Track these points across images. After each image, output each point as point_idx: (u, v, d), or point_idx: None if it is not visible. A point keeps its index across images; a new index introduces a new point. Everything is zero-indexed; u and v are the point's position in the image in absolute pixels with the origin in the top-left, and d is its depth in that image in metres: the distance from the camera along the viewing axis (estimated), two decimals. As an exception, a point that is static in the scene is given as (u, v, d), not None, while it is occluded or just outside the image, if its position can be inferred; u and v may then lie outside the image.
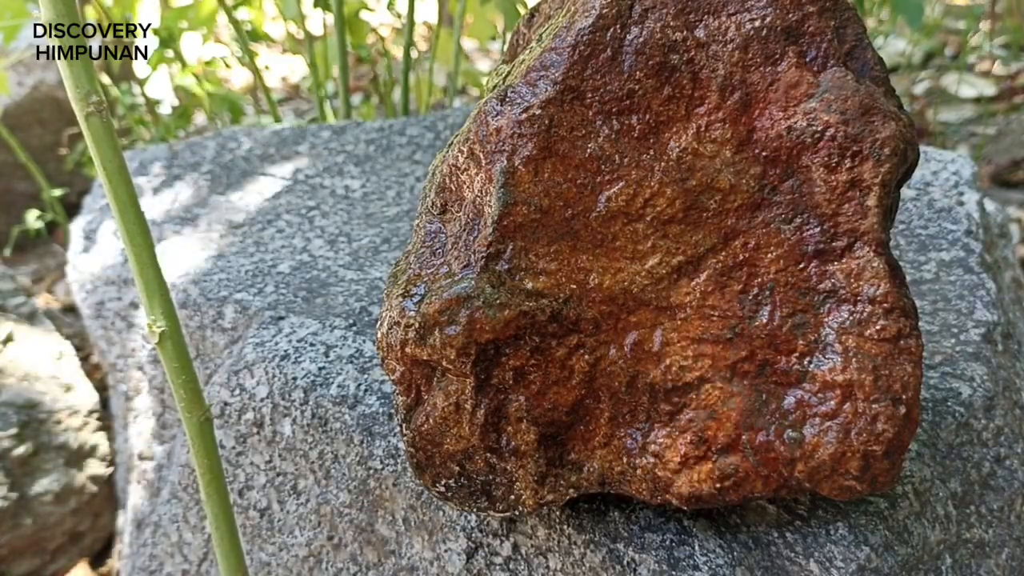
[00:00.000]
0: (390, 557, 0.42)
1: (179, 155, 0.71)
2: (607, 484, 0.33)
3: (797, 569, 0.33)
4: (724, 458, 0.32)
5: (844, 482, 0.31)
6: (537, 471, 0.32)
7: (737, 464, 0.31)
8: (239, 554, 0.36)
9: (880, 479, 0.31)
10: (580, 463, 0.33)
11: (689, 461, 0.32)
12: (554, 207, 0.32)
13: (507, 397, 0.32)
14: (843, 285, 0.32)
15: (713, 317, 0.32)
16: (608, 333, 0.32)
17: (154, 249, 0.31)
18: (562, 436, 0.32)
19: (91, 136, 0.29)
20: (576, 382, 0.32)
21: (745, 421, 0.31)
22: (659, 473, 0.32)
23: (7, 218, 1.24)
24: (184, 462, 0.50)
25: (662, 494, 0.32)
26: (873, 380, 0.31)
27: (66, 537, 0.71)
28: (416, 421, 0.33)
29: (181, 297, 0.52)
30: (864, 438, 0.31)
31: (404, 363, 0.32)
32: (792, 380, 0.31)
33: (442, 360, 0.31)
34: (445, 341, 0.31)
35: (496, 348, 0.31)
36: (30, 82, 1.22)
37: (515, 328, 0.31)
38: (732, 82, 0.32)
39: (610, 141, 0.32)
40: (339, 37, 0.87)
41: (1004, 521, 0.41)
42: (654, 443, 0.32)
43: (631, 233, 0.32)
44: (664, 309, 0.32)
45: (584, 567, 0.35)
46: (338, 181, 0.64)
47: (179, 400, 0.33)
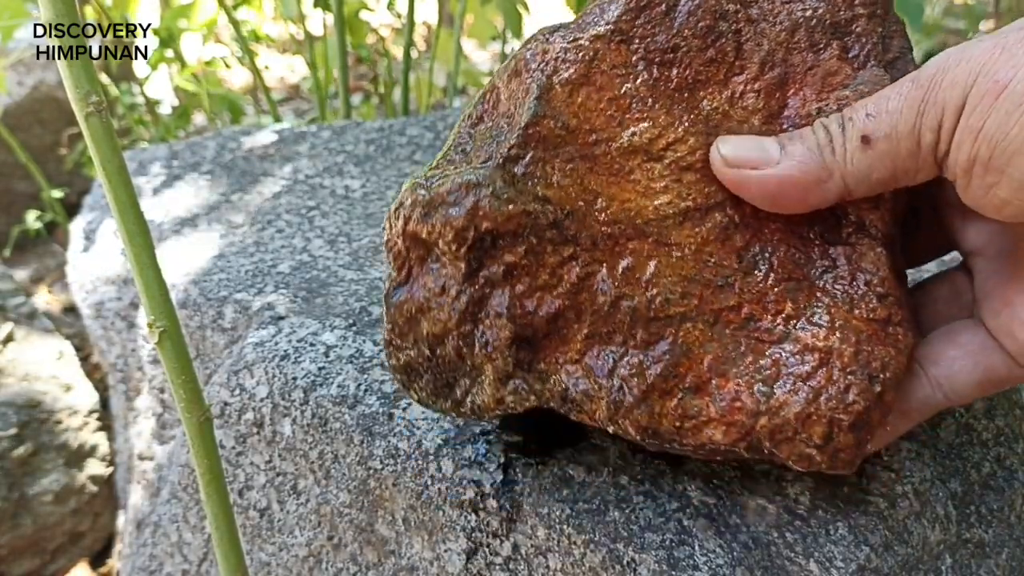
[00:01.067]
0: (390, 557, 0.42)
1: (179, 155, 0.71)
2: (568, 402, 0.33)
3: (797, 569, 0.33)
4: (690, 398, 0.32)
5: (804, 448, 0.31)
6: (504, 369, 0.32)
7: (701, 407, 0.32)
8: (239, 554, 0.36)
9: (842, 455, 0.31)
10: (547, 374, 0.33)
11: (654, 393, 0.32)
12: (580, 129, 0.33)
13: (492, 291, 0.32)
14: (843, 265, 0.32)
15: (709, 263, 0.32)
16: (603, 253, 0.33)
17: (154, 249, 0.31)
18: (536, 343, 0.33)
19: (91, 136, 0.29)
20: (562, 291, 0.32)
21: (718, 367, 0.32)
22: (621, 398, 0.32)
23: (7, 218, 1.24)
24: (184, 462, 0.50)
25: (622, 419, 0.32)
26: (854, 353, 0.31)
27: (66, 537, 0.71)
28: (401, 297, 0.33)
29: (181, 297, 0.52)
30: (833, 404, 0.31)
31: (404, 240, 0.33)
32: (774, 339, 0.32)
33: (439, 240, 0.32)
34: (447, 220, 0.32)
35: (493, 240, 0.32)
36: (30, 82, 1.22)
37: (516, 224, 0.32)
38: (774, 59, 0.33)
39: (646, 86, 0.33)
40: (339, 37, 0.87)
41: (1004, 521, 0.41)
42: (624, 368, 0.32)
43: (647, 171, 0.33)
44: (663, 244, 0.33)
45: (584, 567, 0.35)
46: (338, 181, 0.64)
47: (179, 400, 0.33)
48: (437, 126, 0.72)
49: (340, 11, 0.86)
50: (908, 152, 0.29)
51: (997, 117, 0.27)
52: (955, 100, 0.28)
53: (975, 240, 0.34)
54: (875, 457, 0.38)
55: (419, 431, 0.40)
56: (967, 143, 0.28)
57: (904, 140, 0.29)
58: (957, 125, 0.28)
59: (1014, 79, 0.27)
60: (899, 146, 0.29)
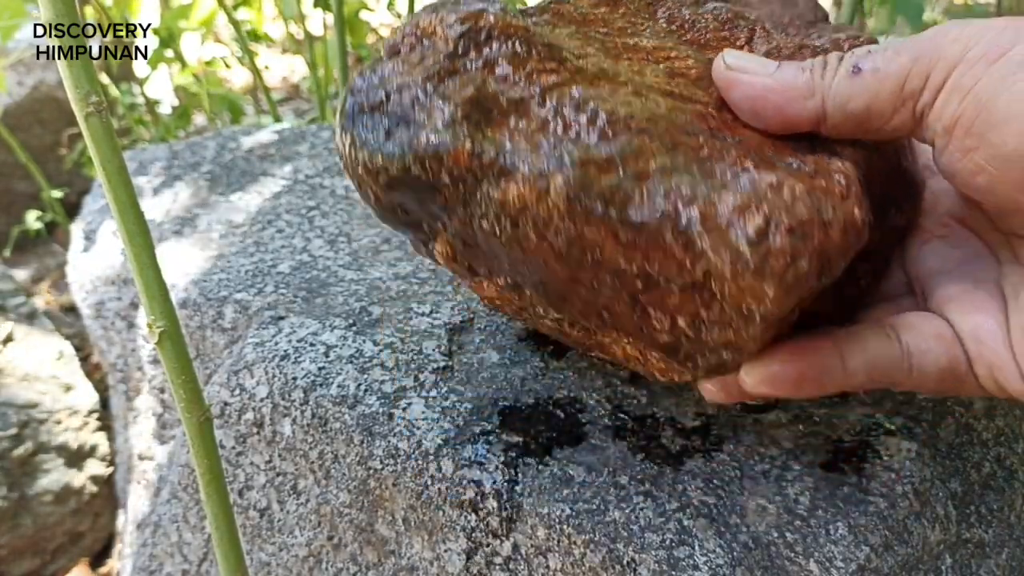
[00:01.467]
0: (390, 557, 0.42)
1: (179, 155, 0.71)
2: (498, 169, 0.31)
3: (797, 569, 0.33)
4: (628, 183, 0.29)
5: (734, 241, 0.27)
6: (453, 114, 0.31)
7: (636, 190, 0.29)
8: (239, 554, 0.36)
9: (771, 261, 0.27)
10: (490, 138, 0.31)
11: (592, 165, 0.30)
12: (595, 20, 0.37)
13: (467, 70, 0.32)
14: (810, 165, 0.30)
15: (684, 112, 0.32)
16: (583, 80, 0.32)
17: (154, 249, 0.31)
18: (492, 115, 0.32)
19: (91, 136, 0.29)
20: (533, 89, 0.31)
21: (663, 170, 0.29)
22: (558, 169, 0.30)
23: (7, 218, 1.24)
24: (184, 462, 0.50)
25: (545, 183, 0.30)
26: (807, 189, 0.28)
27: (66, 537, 0.71)
28: (375, 69, 0.33)
29: (181, 297, 0.52)
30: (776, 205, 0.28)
31: (405, 35, 0.34)
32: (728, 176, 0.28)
33: (438, 27, 0.33)
34: (453, 11, 0.33)
35: (487, 36, 0.33)
36: (30, 82, 1.22)
37: (514, 29, 0.33)
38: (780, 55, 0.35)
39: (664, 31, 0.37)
40: (339, 37, 0.87)
41: (1004, 521, 0.41)
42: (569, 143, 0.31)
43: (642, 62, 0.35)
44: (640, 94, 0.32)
45: (584, 567, 0.35)
46: (338, 181, 0.64)
47: (179, 400, 0.33)
48: (437, 126, 0.72)
49: (340, 11, 0.86)
50: (890, 92, 0.29)
51: (990, 81, 0.27)
52: (952, 56, 0.28)
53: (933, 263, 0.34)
54: (875, 457, 0.38)
55: (419, 431, 0.40)
56: (954, 101, 0.28)
57: (890, 79, 0.29)
58: (947, 81, 0.28)
59: (1015, 48, 0.27)
60: (883, 83, 0.29)
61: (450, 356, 0.44)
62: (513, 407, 0.41)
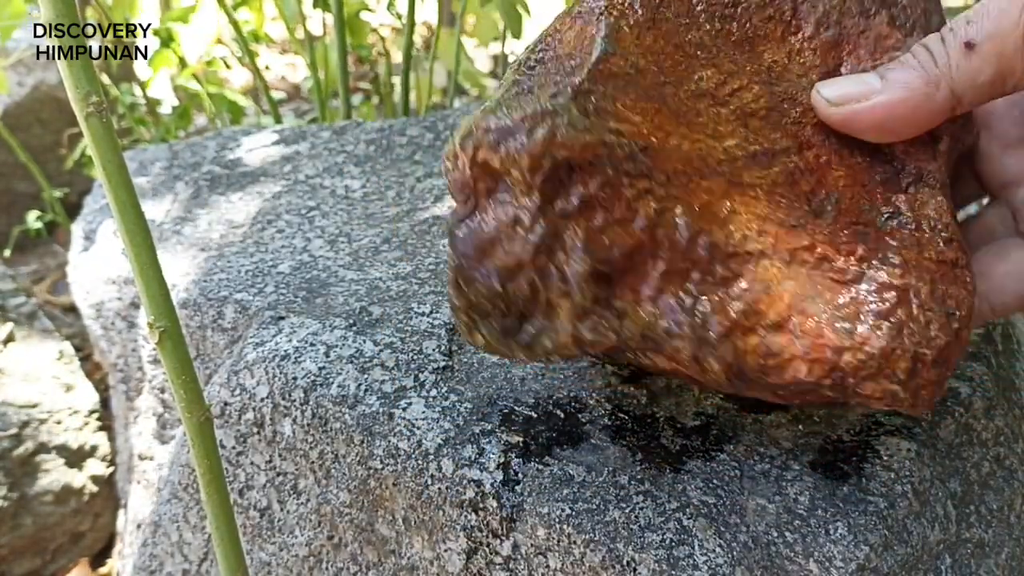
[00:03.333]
0: (390, 557, 0.42)
1: (179, 155, 0.71)
2: (648, 340, 0.31)
3: (797, 569, 0.33)
4: (772, 335, 0.31)
5: (888, 385, 0.31)
6: (581, 303, 0.31)
7: (784, 344, 0.31)
8: (239, 554, 0.36)
9: (923, 392, 0.31)
10: (625, 312, 0.31)
11: (737, 330, 0.31)
12: (648, 70, 0.33)
13: (567, 223, 0.31)
14: (906, 211, 0.33)
15: (781, 203, 0.32)
16: (679, 190, 0.31)
17: (154, 249, 0.31)
18: (613, 279, 0.31)
19: (91, 136, 0.29)
20: (639, 226, 0.31)
21: (798, 304, 0.31)
22: (704, 335, 0.31)
23: (7, 218, 1.24)
24: (184, 462, 0.50)
25: (706, 358, 0.31)
26: (930, 291, 0.31)
27: (66, 537, 0.71)
28: (468, 230, 0.31)
29: (181, 297, 0.52)
30: (916, 340, 0.30)
31: (471, 169, 0.31)
32: (849, 279, 0.31)
33: (512, 168, 0.30)
34: (522, 147, 0.30)
35: (568, 171, 0.30)
36: (30, 82, 1.22)
37: (592, 154, 0.30)
38: (828, 20, 0.35)
39: (709, 36, 0.34)
40: (339, 37, 0.87)
41: (1004, 521, 0.41)
42: (704, 305, 0.31)
43: (715, 114, 0.33)
44: (736, 184, 0.32)
45: (584, 567, 0.35)
46: (338, 181, 0.64)
47: (179, 400, 0.33)
48: (437, 126, 0.72)
49: (340, 11, 0.86)
50: (1014, 48, 0.28)
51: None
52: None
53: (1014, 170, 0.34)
54: (875, 457, 0.38)
55: (419, 431, 0.40)
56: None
57: (1009, 36, 0.28)
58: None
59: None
60: (1004, 44, 0.28)
61: (450, 356, 0.44)
62: (513, 407, 0.41)
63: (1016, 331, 0.50)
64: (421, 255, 0.53)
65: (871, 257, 0.32)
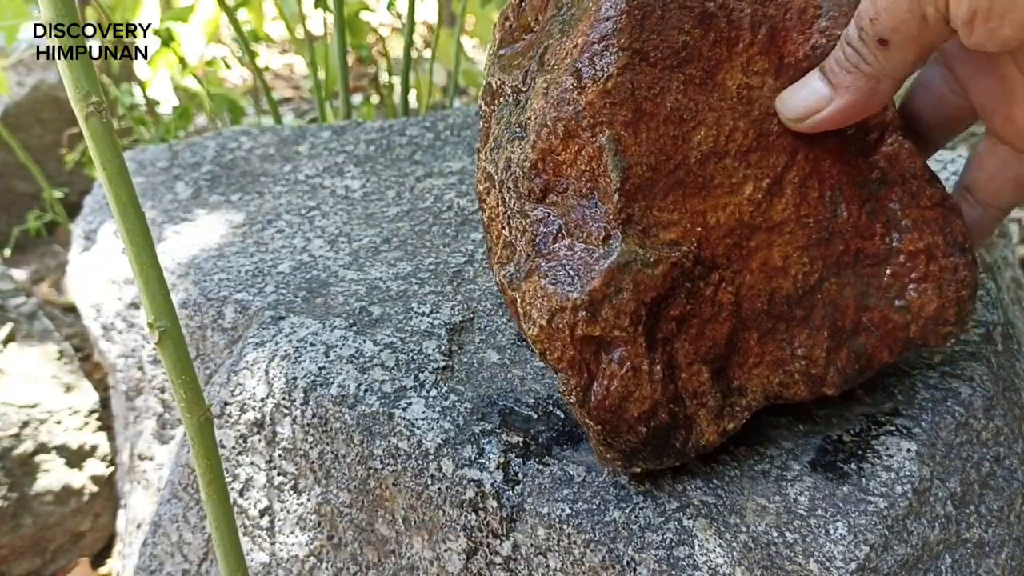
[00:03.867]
0: (390, 557, 0.42)
1: (179, 155, 0.71)
2: (772, 398, 0.36)
3: (797, 569, 0.33)
4: (854, 340, 0.36)
5: (945, 329, 0.37)
6: (716, 405, 0.34)
7: (867, 345, 0.36)
8: (239, 554, 0.36)
9: (966, 318, 0.37)
10: (744, 387, 0.35)
11: (831, 354, 0.36)
12: (659, 162, 0.34)
13: (674, 347, 0.34)
14: (888, 169, 0.37)
15: (809, 224, 0.36)
16: (739, 262, 0.35)
17: (154, 249, 0.31)
18: (724, 367, 0.35)
19: (91, 136, 0.29)
20: (726, 315, 0.34)
21: (860, 304, 0.36)
22: (812, 371, 0.36)
23: (7, 218, 1.24)
24: (184, 462, 0.50)
25: (820, 387, 0.36)
26: (943, 239, 0.37)
27: (66, 537, 0.71)
28: (595, 399, 0.33)
29: (181, 297, 0.52)
30: (954, 288, 0.37)
31: (575, 346, 0.33)
32: (882, 258, 0.37)
33: (614, 330, 0.32)
34: (618, 310, 0.32)
35: (657, 303, 0.33)
36: (30, 82, 1.22)
37: (671, 279, 0.33)
38: (757, 18, 0.35)
39: (681, 92, 0.35)
40: (339, 37, 0.87)
41: (1004, 521, 0.41)
42: (800, 347, 0.35)
43: (723, 169, 0.35)
44: (772, 228, 0.35)
45: (584, 567, 0.35)
46: (338, 181, 0.64)
47: (179, 400, 0.33)
48: (437, 126, 0.72)
49: (340, 11, 0.86)
50: (919, 30, 0.31)
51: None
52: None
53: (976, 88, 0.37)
54: (875, 457, 0.38)
55: (419, 431, 0.40)
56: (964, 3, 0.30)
57: (911, 25, 0.31)
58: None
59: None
60: (909, 31, 0.31)
61: (450, 356, 0.44)
62: (513, 407, 0.41)
63: (1016, 331, 0.50)
64: (421, 255, 0.53)
65: (889, 230, 0.37)
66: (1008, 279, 0.55)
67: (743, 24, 0.35)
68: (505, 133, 0.36)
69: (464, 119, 0.72)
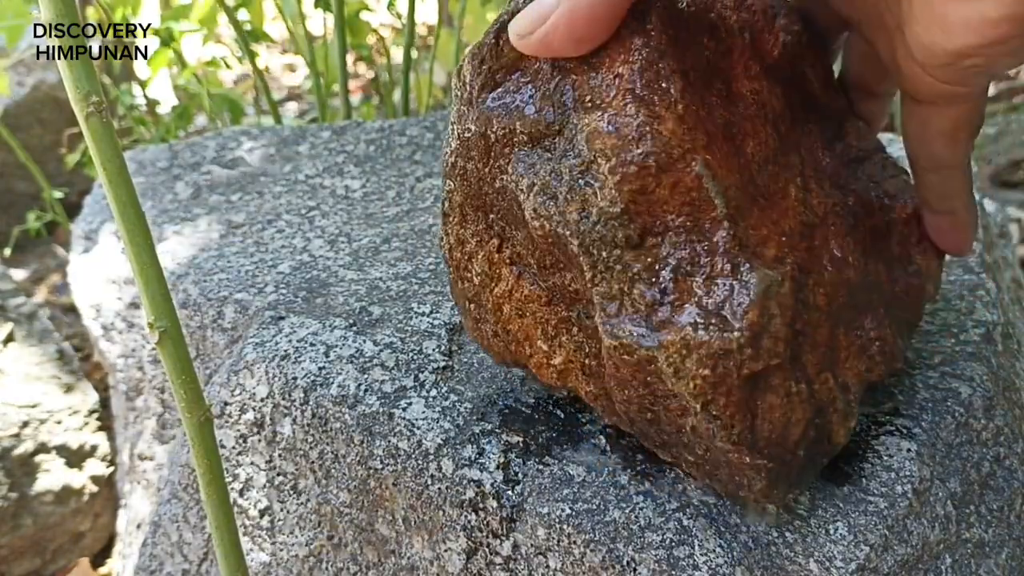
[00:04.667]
0: (390, 557, 0.42)
1: (179, 155, 0.71)
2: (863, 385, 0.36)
3: (797, 569, 0.33)
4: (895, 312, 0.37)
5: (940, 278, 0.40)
6: (843, 407, 0.34)
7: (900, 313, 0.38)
8: (239, 554, 0.36)
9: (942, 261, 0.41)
10: (847, 382, 0.35)
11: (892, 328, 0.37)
12: (738, 180, 0.32)
13: (803, 360, 0.33)
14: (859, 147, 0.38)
15: (839, 212, 0.36)
16: (816, 262, 0.34)
17: (154, 249, 0.31)
18: (833, 368, 0.34)
19: (91, 136, 0.29)
20: (824, 316, 0.33)
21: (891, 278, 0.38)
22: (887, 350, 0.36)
23: (7, 218, 1.24)
24: (184, 462, 0.50)
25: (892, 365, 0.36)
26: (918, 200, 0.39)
27: (66, 537, 0.71)
28: (762, 436, 0.31)
29: (181, 297, 0.52)
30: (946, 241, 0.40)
31: (741, 388, 0.30)
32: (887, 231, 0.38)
33: (772, 359, 0.31)
34: (775, 338, 0.30)
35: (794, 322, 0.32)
36: (30, 82, 1.22)
37: (794, 294, 0.32)
38: (741, 23, 0.34)
39: (721, 107, 0.33)
40: (339, 37, 0.87)
41: (1004, 521, 0.41)
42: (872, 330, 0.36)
43: (773, 176, 0.34)
44: (821, 223, 0.35)
45: (584, 567, 0.35)
46: (338, 181, 0.64)
47: (179, 400, 0.33)
48: (437, 126, 0.72)
49: (340, 11, 0.86)
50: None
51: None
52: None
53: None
54: (875, 457, 0.38)
55: (419, 431, 0.40)
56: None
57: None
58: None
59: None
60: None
61: (450, 356, 0.44)
62: (513, 407, 0.41)
63: (1016, 331, 0.50)
64: (421, 255, 0.53)
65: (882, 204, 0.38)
66: (1008, 279, 0.55)
67: (734, 30, 0.34)
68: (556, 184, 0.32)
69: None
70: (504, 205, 0.35)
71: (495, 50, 0.34)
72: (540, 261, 0.35)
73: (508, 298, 0.37)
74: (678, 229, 0.31)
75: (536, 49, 0.31)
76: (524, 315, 0.36)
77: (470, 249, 0.37)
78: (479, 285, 0.37)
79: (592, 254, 0.31)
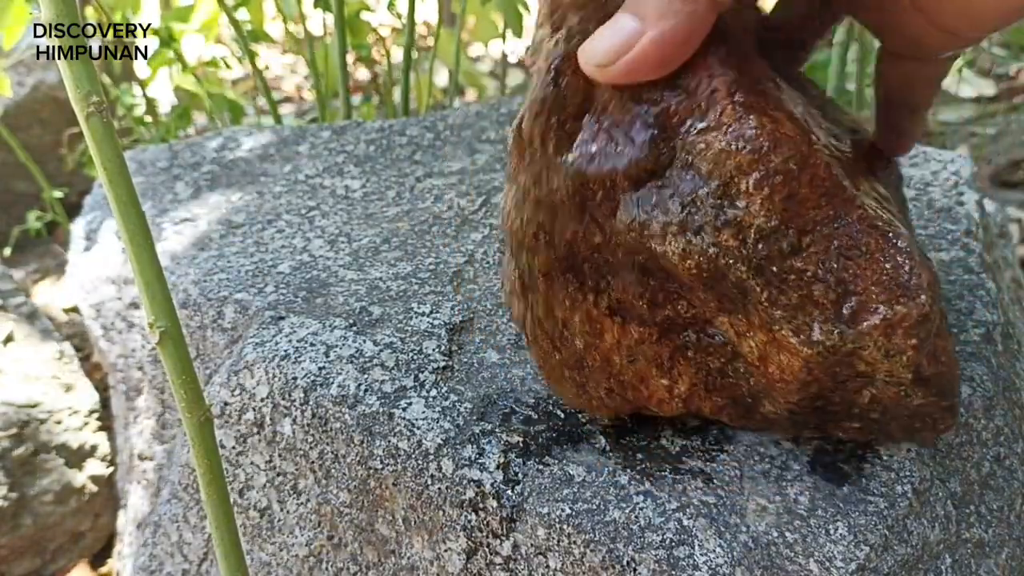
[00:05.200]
0: (390, 557, 0.42)
1: (179, 155, 0.71)
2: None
3: (797, 569, 0.33)
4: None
5: None
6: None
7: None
8: (239, 554, 0.36)
9: None
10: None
11: None
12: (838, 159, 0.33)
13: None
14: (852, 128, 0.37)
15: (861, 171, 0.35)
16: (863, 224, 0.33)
17: (154, 249, 0.31)
18: None
19: (91, 136, 0.29)
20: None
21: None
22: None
23: (7, 218, 1.24)
24: (184, 462, 0.50)
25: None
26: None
27: (66, 537, 0.71)
28: (945, 378, 0.33)
29: (181, 297, 0.52)
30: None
31: (934, 345, 0.31)
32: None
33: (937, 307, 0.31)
34: (934, 286, 0.30)
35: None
36: (30, 82, 1.22)
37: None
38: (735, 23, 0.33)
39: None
40: (339, 37, 0.87)
41: (1004, 521, 0.41)
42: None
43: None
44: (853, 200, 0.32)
45: (584, 567, 0.35)
46: (338, 181, 0.64)
47: (179, 400, 0.33)
48: (437, 126, 0.72)
49: (340, 11, 0.86)
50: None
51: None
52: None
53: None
54: (875, 457, 0.38)
55: (419, 431, 0.40)
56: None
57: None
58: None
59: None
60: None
61: (450, 356, 0.44)
62: (513, 407, 0.41)
63: (1016, 331, 0.50)
64: (421, 255, 0.53)
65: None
66: (1008, 279, 0.55)
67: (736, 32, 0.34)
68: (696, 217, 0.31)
69: (464, 119, 0.72)
70: (600, 259, 0.33)
71: (559, 99, 0.33)
72: (652, 299, 0.34)
73: (617, 349, 0.35)
74: (824, 220, 0.30)
75: (618, 78, 0.30)
76: (636, 359, 0.35)
77: (563, 315, 0.35)
78: (583, 348, 0.35)
79: (764, 274, 0.31)
